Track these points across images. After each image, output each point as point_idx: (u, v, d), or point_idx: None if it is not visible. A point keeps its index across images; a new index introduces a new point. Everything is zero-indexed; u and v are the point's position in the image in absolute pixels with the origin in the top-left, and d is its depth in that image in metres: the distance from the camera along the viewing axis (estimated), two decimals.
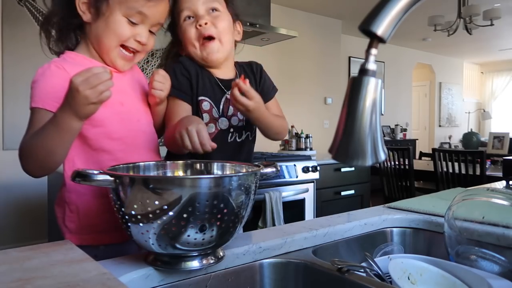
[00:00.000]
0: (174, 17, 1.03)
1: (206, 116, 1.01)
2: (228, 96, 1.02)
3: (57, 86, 0.80)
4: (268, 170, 0.73)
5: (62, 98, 0.75)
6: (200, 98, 1.01)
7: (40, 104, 0.81)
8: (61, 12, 0.89)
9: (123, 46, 0.88)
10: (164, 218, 0.58)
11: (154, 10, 0.86)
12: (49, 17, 0.90)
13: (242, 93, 0.90)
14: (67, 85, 0.78)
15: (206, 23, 0.98)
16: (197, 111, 1.01)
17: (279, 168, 0.76)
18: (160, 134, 1.02)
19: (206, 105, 1.02)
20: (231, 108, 1.03)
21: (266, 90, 1.13)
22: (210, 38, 0.99)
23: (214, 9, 1.00)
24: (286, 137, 3.56)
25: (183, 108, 0.99)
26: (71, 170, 0.86)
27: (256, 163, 0.76)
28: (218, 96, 1.03)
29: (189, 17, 1.00)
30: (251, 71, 1.13)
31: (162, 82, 0.91)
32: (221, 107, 1.03)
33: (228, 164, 0.81)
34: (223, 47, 1.00)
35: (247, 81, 0.91)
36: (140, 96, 0.97)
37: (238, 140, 1.06)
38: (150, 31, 0.90)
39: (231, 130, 1.04)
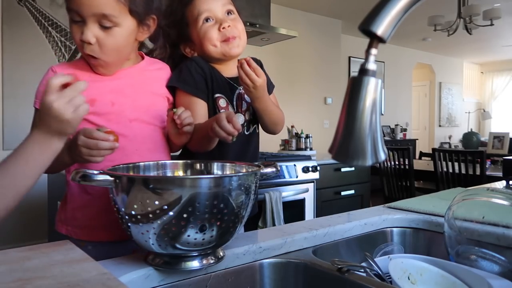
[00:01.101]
0: (185, 18, 1.04)
1: None
2: (241, 91, 1.07)
3: None
4: (268, 170, 0.73)
5: None
6: (216, 95, 1.04)
7: (37, 104, 0.88)
8: None
9: (84, 54, 0.86)
10: (164, 218, 0.58)
11: (78, 2, 0.80)
12: None
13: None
14: None
15: (229, 26, 1.02)
16: (214, 108, 1.04)
17: (279, 168, 0.77)
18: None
19: (222, 102, 1.05)
20: (244, 103, 1.08)
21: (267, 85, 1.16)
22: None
23: (230, 12, 1.05)
24: (286, 137, 3.56)
25: (201, 106, 1.02)
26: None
27: (256, 163, 0.77)
28: (230, 94, 1.07)
29: (207, 19, 1.02)
30: None
31: (189, 115, 0.90)
32: (234, 103, 1.07)
33: (228, 164, 0.81)
34: (242, 43, 1.06)
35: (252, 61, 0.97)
36: (143, 95, 0.95)
37: (247, 133, 1.10)
38: (103, 26, 0.83)
39: (245, 124, 1.08)
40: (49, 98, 0.67)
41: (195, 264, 0.64)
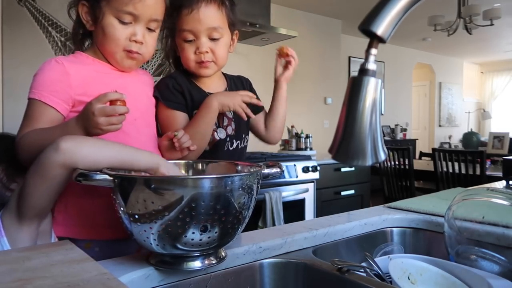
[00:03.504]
0: (173, 28, 1.03)
1: None
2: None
3: (54, 80, 0.85)
4: (273, 170, 0.73)
5: (58, 91, 0.83)
6: (196, 111, 1.05)
7: (36, 95, 0.84)
8: (76, 23, 0.93)
9: (126, 50, 0.89)
10: (165, 218, 0.58)
11: (142, 6, 0.86)
12: (73, 27, 0.95)
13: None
14: (62, 78, 0.84)
15: (206, 52, 1.01)
16: None
17: (283, 169, 0.77)
18: None
19: None
20: (225, 118, 1.09)
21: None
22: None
23: (214, 33, 1.01)
24: (286, 137, 3.55)
25: (182, 117, 1.03)
26: None
27: (259, 164, 0.76)
28: None
29: (190, 40, 1.01)
30: (241, 84, 1.19)
31: (188, 139, 0.92)
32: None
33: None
34: (216, 67, 1.06)
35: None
36: (143, 95, 0.98)
37: (230, 148, 1.11)
38: (148, 28, 0.90)
39: (227, 139, 1.09)
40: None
41: (197, 264, 0.64)
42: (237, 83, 1.18)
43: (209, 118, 0.99)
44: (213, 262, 0.66)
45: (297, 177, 2.71)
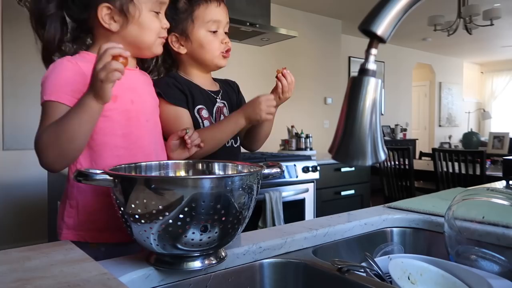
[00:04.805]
0: (192, 14, 1.06)
1: (206, 123, 1.09)
2: (220, 105, 1.13)
3: (69, 79, 0.82)
4: (273, 170, 0.73)
5: (75, 91, 0.80)
6: (199, 106, 1.08)
7: (53, 97, 0.80)
8: (60, 34, 0.90)
9: (160, 37, 0.93)
10: (165, 218, 0.58)
11: None
12: (48, 43, 0.91)
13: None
14: (79, 79, 0.81)
15: (227, 42, 1.10)
16: (197, 120, 1.07)
17: (283, 169, 0.77)
18: None
19: (205, 113, 1.09)
20: (222, 116, 1.13)
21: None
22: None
23: (227, 29, 1.12)
24: (286, 137, 3.55)
25: (185, 114, 1.06)
26: (74, 165, 0.87)
27: (259, 164, 0.76)
28: (211, 106, 1.11)
29: (214, 31, 1.08)
30: (229, 86, 1.23)
31: (197, 137, 0.96)
32: (213, 116, 1.11)
33: (230, 164, 0.81)
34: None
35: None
36: (149, 95, 0.97)
37: (235, 145, 1.15)
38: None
39: None
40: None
41: (197, 264, 0.64)
42: (227, 85, 1.22)
43: (230, 130, 1.04)
44: (213, 262, 0.66)
45: (297, 177, 2.71)
